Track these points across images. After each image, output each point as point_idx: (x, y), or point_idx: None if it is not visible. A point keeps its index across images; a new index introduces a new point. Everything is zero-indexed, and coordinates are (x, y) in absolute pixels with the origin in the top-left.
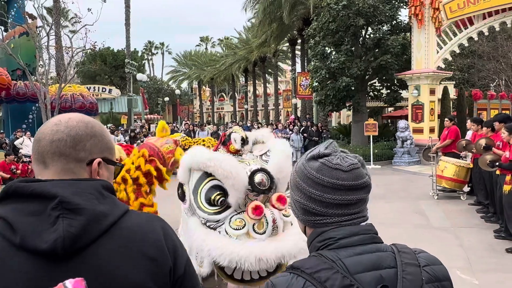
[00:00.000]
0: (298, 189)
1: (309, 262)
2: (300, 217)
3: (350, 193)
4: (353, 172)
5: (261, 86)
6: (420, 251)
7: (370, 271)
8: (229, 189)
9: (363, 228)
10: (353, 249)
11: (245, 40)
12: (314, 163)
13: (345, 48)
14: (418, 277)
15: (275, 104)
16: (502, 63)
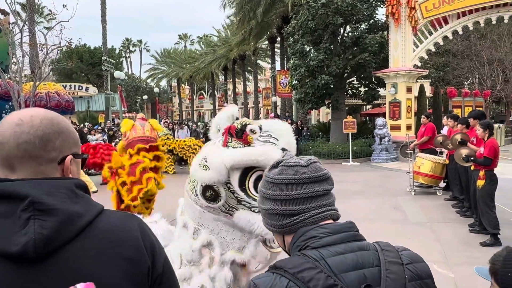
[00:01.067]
0: (267, 199)
1: (292, 262)
2: (276, 228)
3: (316, 185)
4: (312, 166)
5: (241, 84)
6: (403, 249)
7: (354, 270)
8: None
9: (345, 225)
10: (336, 247)
11: (224, 38)
12: (275, 170)
13: (324, 46)
14: (401, 276)
15: (255, 102)
16: (475, 62)
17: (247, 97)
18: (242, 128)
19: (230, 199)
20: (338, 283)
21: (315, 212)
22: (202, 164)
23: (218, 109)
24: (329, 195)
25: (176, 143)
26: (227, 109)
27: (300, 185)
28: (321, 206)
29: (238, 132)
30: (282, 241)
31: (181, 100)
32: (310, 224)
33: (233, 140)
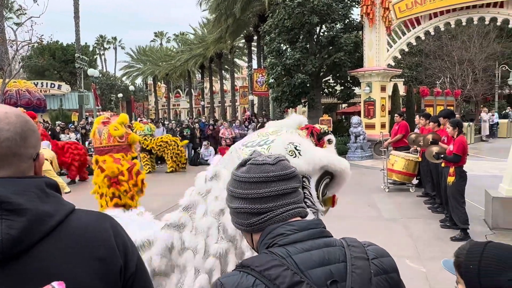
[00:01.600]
0: (235, 198)
1: (259, 260)
2: (244, 226)
3: (283, 183)
4: (280, 164)
5: (218, 82)
6: (369, 244)
7: (320, 266)
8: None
9: (312, 222)
10: (303, 244)
11: (201, 36)
12: (243, 168)
13: (300, 45)
14: (367, 271)
15: (232, 100)
16: (446, 62)
17: (224, 96)
18: (324, 134)
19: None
20: (304, 280)
21: (283, 210)
22: (289, 149)
23: (195, 108)
24: (297, 192)
25: (153, 142)
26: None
27: (267, 183)
28: (288, 203)
29: (320, 136)
30: (251, 239)
31: (157, 99)
32: (278, 222)
33: (311, 139)
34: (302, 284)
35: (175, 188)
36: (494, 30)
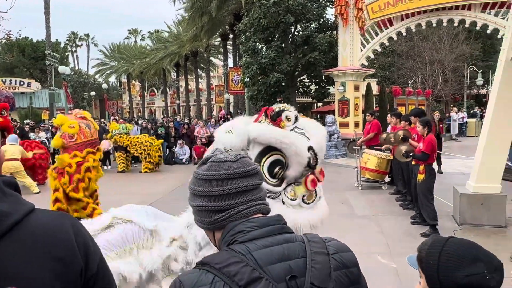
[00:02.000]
0: (196, 196)
1: (219, 257)
2: (206, 224)
3: (245, 180)
4: (241, 161)
5: (193, 81)
6: (330, 239)
7: (279, 262)
8: (295, 164)
9: (272, 219)
10: (263, 241)
11: (176, 34)
12: (204, 166)
13: (276, 45)
14: (327, 265)
15: (208, 99)
16: (418, 62)
17: (200, 94)
18: (279, 112)
19: None
20: (263, 276)
21: (244, 207)
22: (227, 130)
23: (170, 106)
24: (259, 189)
25: (129, 140)
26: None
27: (229, 180)
28: (250, 200)
29: (274, 115)
30: (213, 237)
31: (131, 97)
32: (239, 219)
33: (266, 120)
34: (261, 280)
35: (149, 188)
36: (463, 32)
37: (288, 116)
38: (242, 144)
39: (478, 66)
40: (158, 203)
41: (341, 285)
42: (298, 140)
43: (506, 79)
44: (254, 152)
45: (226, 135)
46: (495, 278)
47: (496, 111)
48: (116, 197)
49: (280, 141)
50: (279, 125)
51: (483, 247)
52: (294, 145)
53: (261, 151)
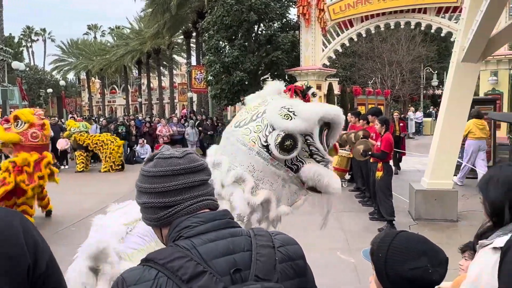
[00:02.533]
0: (143, 193)
1: (163, 253)
2: (153, 221)
3: (191, 176)
4: (188, 157)
5: (156, 79)
6: (277, 233)
7: (224, 256)
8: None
9: (218, 214)
10: (208, 235)
11: (137, 30)
12: (150, 163)
13: (239, 43)
14: (272, 258)
15: (171, 97)
16: (377, 63)
17: (162, 92)
18: (307, 89)
19: (303, 151)
20: (207, 270)
21: (191, 203)
22: (283, 113)
23: (132, 105)
24: (206, 185)
25: (90, 138)
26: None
27: (175, 176)
28: (197, 196)
29: (303, 92)
30: (160, 234)
31: (91, 95)
32: (185, 215)
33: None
34: (205, 273)
35: (109, 188)
36: (419, 35)
37: (314, 93)
38: (311, 128)
39: (433, 67)
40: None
41: (287, 277)
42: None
43: (457, 80)
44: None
45: (287, 122)
46: (438, 271)
47: (448, 111)
48: (74, 197)
49: (338, 115)
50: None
51: (437, 240)
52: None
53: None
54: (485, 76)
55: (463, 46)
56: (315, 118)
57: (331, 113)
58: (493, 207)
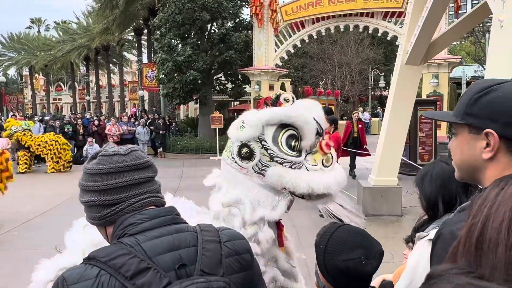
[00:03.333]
0: (86, 192)
1: (106, 251)
2: (97, 220)
3: (136, 173)
4: (132, 154)
5: (105, 76)
6: (224, 228)
7: (169, 252)
8: (307, 134)
9: (163, 210)
10: (153, 232)
11: (85, 26)
12: (93, 161)
13: (192, 42)
14: (218, 252)
15: (121, 96)
16: (328, 64)
17: (112, 91)
18: (277, 97)
19: (263, 156)
20: (151, 266)
21: (136, 200)
22: (238, 125)
23: (79, 103)
24: (152, 182)
25: (33, 140)
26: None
27: (119, 173)
28: (142, 193)
29: (274, 101)
30: (105, 233)
31: (34, 92)
32: (130, 212)
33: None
34: (149, 270)
35: (55, 189)
36: (367, 38)
37: (286, 98)
38: (258, 132)
39: (380, 69)
40: (65, 206)
41: (232, 271)
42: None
43: (401, 82)
44: (269, 134)
45: (240, 132)
46: (372, 264)
47: (393, 111)
48: (16, 200)
49: (289, 116)
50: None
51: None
52: (302, 115)
53: (275, 131)
54: (427, 78)
55: (407, 50)
56: (258, 123)
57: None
58: (428, 201)
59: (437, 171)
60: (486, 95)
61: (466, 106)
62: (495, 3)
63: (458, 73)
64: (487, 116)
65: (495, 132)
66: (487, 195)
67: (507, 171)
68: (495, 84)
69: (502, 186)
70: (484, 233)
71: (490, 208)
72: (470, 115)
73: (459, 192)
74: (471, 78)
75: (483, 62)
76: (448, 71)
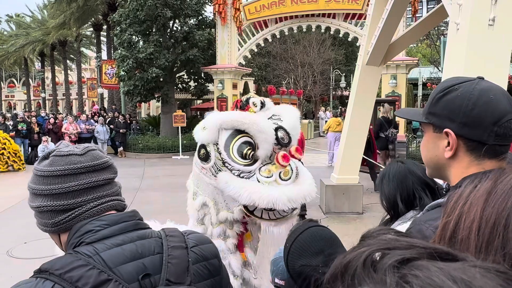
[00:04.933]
0: (37, 196)
1: (60, 262)
2: (49, 227)
3: (94, 175)
4: (90, 154)
5: (62, 72)
6: (191, 232)
7: (131, 261)
8: (262, 143)
9: (125, 215)
10: (114, 239)
11: (40, 20)
12: (45, 162)
13: (153, 39)
14: (184, 259)
15: (79, 93)
16: (291, 64)
17: (69, 88)
18: (246, 100)
19: (217, 160)
20: (112, 277)
21: (94, 204)
22: (202, 127)
23: (34, 100)
24: (112, 184)
25: None
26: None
27: (75, 176)
28: (101, 197)
29: (243, 104)
30: (59, 241)
31: None
32: (87, 218)
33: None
34: (110, 282)
35: (5, 191)
36: (329, 39)
37: (254, 102)
38: (214, 136)
39: (342, 70)
40: (17, 208)
41: (200, 278)
42: (259, 119)
43: (362, 82)
44: (222, 139)
45: (201, 132)
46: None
47: (354, 111)
48: None
49: (241, 122)
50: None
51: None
52: (255, 124)
53: (229, 136)
54: (386, 79)
55: (367, 51)
56: (213, 127)
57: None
58: (388, 201)
59: (393, 171)
60: (447, 95)
61: (430, 106)
62: (452, 7)
63: (415, 74)
64: (446, 115)
65: (453, 131)
66: (462, 193)
67: (471, 169)
68: (457, 84)
69: (476, 183)
70: (457, 232)
71: (462, 206)
72: (433, 114)
73: (416, 188)
74: (427, 79)
75: (438, 64)
76: (406, 72)
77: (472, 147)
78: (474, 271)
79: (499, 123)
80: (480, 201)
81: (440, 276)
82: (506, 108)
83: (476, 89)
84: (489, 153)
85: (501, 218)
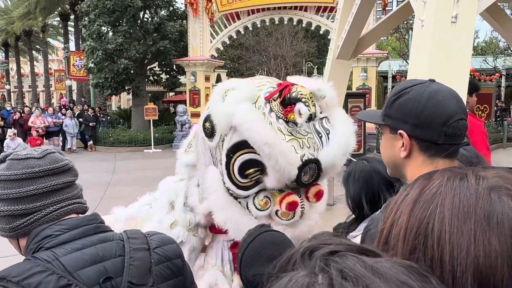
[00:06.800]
0: None
1: (18, 269)
2: (7, 232)
3: (53, 178)
4: (48, 157)
5: (27, 64)
6: (154, 233)
7: (92, 265)
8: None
9: (85, 219)
10: (73, 244)
11: (3, 8)
12: (2, 165)
13: (123, 30)
14: (147, 261)
15: (46, 85)
16: (264, 56)
17: (36, 80)
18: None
19: (217, 149)
20: (72, 282)
21: (54, 208)
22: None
23: None
24: (72, 187)
25: None
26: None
27: (33, 179)
28: (60, 200)
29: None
30: (18, 246)
31: None
32: (47, 222)
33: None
34: (70, 287)
35: None
36: (301, 31)
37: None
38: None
39: (314, 62)
40: None
41: (163, 279)
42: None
43: (333, 75)
44: (231, 138)
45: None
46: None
47: None
48: None
49: (258, 146)
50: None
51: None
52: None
53: (239, 142)
54: (357, 72)
55: (338, 44)
56: (230, 117)
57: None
58: (353, 200)
59: (359, 171)
60: (400, 98)
61: (385, 108)
62: (417, 4)
63: (385, 67)
64: (399, 117)
65: (406, 132)
66: (397, 199)
67: (424, 169)
68: (410, 87)
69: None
70: (389, 239)
71: (394, 214)
72: (389, 116)
73: (381, 189)
74: (396, 72)
75: (406, 57)
76: (376, 66)
77: (425, 147)
78: (384, 261)
79: (447, 123)
80: (407, 210)
81: (354, 262)
82: (454, 109)
83: (426, 92)
84: (441, 153)
85: (422, 228)
